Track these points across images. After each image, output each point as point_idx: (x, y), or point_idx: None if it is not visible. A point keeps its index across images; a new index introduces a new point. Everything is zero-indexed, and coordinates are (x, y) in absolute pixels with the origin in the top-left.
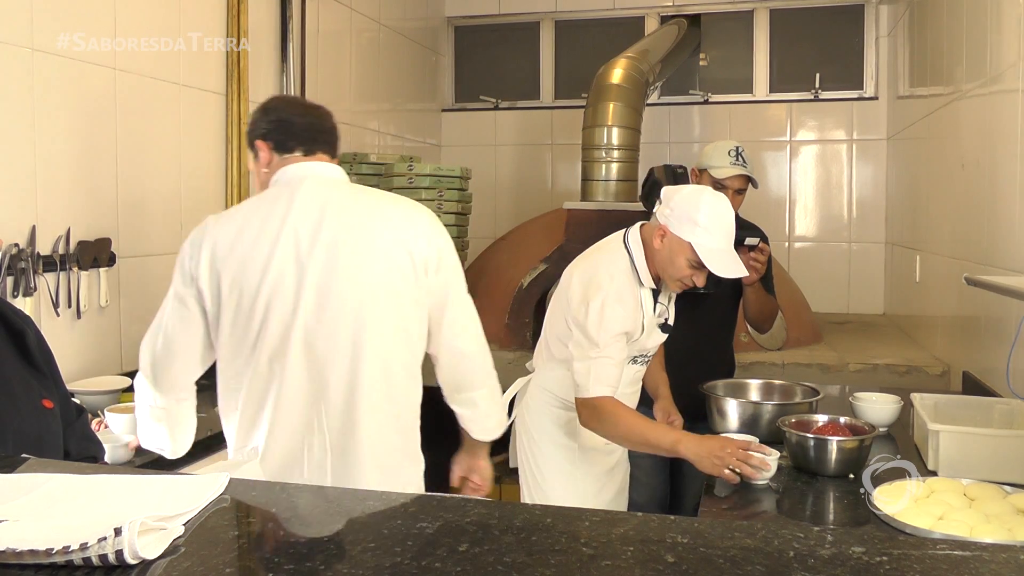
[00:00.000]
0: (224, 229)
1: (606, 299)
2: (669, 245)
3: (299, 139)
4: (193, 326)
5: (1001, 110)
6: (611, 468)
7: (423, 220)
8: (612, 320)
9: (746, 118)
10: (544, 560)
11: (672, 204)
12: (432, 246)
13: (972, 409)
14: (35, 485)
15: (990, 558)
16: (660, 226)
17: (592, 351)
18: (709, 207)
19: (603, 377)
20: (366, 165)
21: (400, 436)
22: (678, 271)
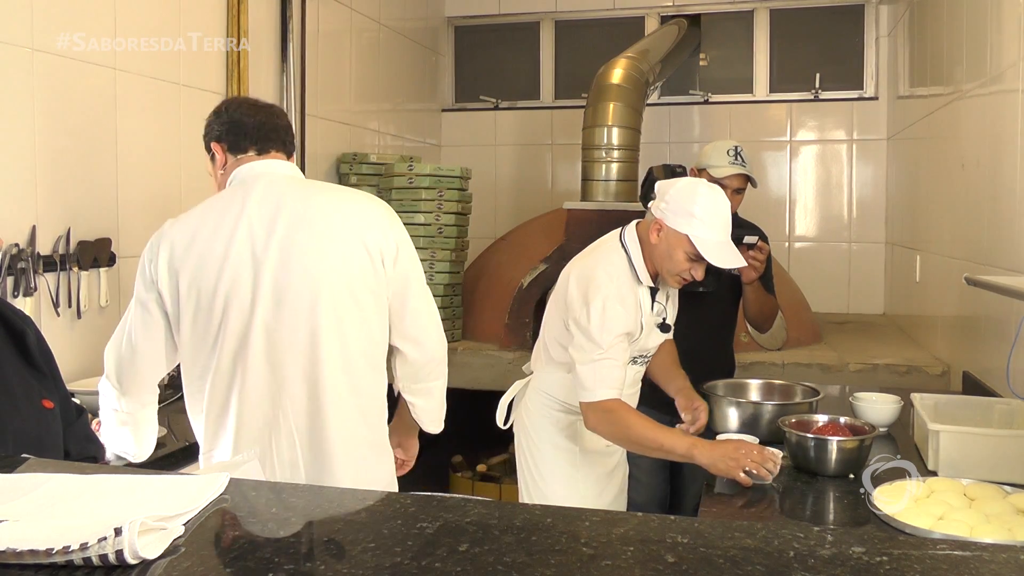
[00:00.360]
0: (180, 231)
1: (607, 300)
2: (666, 239)
3: (251, 138)
4: (156, 330)
5: (1001, 110)
6: (611, 470)
7: (378, 212)
8: (614, 320)
9: (746, 118)
10: (544, 560)
11: (668, 198)
12: (388, 238)
13: (972, 409)
14: (35, 485)
15: (990, 558)
16: (656, 220)
17: (595, 353)
18: (705, 199)
19: (608, 379)
20: (366, 165)
21: (367, 428)
22: (676, 265)
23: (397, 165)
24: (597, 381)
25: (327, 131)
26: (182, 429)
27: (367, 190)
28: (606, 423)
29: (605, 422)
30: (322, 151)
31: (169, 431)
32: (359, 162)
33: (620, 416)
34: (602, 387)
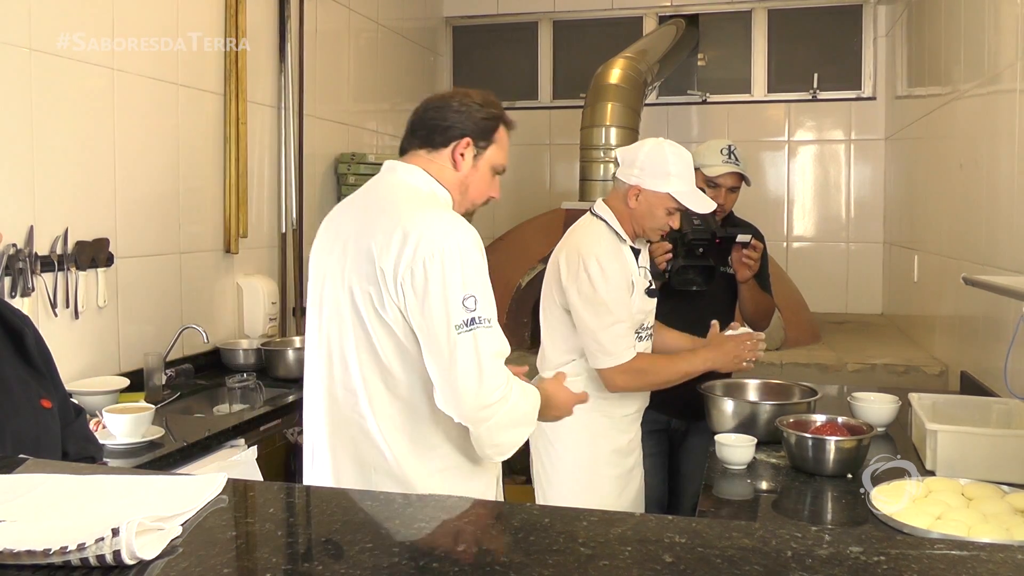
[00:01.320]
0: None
1: (600, 258)
2: (646, 200)
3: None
4: None
5: (999, 110)
6: (629, 470)
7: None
8: (613, 274)
9: (744, 118)
10: (542, 560)
11: (640, 164)
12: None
13: (970, 409)
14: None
15: (988, 558)
16: (632, 187)
17: (607, 316)
18: (675, 156)
19: (628, 339)
20: (364, 165)
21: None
22: (657, 221)
23: None
24: (618, 344)
25: (325, 131)
26: (181, 429)
27: None
28: (638, 378)
29: (637, 378)
30: (320, 151)
31: (167, 431)
32: (357, 162)
33: (648, 366)
34: (625, 349)
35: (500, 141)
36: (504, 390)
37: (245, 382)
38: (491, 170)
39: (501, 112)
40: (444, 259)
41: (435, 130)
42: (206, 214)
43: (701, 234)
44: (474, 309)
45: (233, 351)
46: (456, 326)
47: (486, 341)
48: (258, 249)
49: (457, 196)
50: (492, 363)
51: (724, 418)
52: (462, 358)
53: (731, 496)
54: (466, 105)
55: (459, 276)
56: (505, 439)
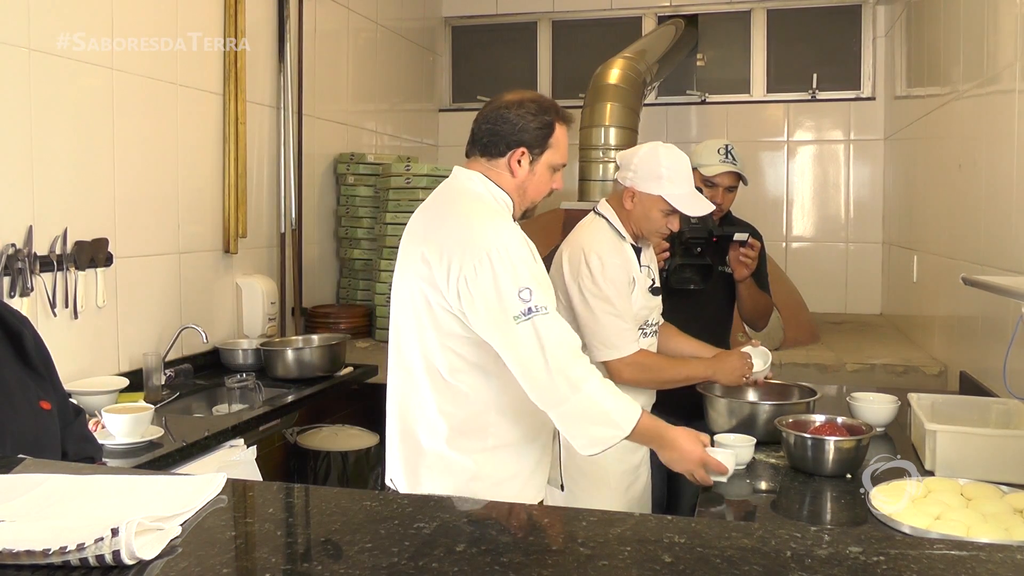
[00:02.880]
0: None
1: (601, 254)
2: (640, 203)
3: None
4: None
5: (998, 110)
6: (636, 466)
7: None
8: (614, 269)
9: (743, 118)
10: (541, 560)
11: (633, 166)
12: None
13: (969, 409)
14: (32, 486)
15: (987, 558)
16: (627, 189)
17: (607, 310)
18: (668, 159)
19: (630, 333)
20: (363, 165)
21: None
22: (654, 223)
23: (394, 165)
24: (621, 337)
25: (324, 131)
26: (180, 429)
27: (364, 190)
28: (640, 373)
29: (640, 372)
30: (319, 151)
31: (166, 431)
32: (356, 162)
33: (652, 363)
34: (628, 342)
35: (556, 144)
36: (576, 379)
37: (244, 382)
38: (549, 170)
39: (555, 115)
40: (492, 259)
41: (492, 140)
42: (205, 214)
43: (698, 233)
44: (529, 300)
45: (232, 351)
46: (515, 317)
47: (547, 328)
48: (257, 249)
49: (516, 199)
50: (557, 350)
51: (723, 418)
52: (526, 346)
53: (730, 496)
54: (521, 116)
55: (510, 272)
56: (578, 432)
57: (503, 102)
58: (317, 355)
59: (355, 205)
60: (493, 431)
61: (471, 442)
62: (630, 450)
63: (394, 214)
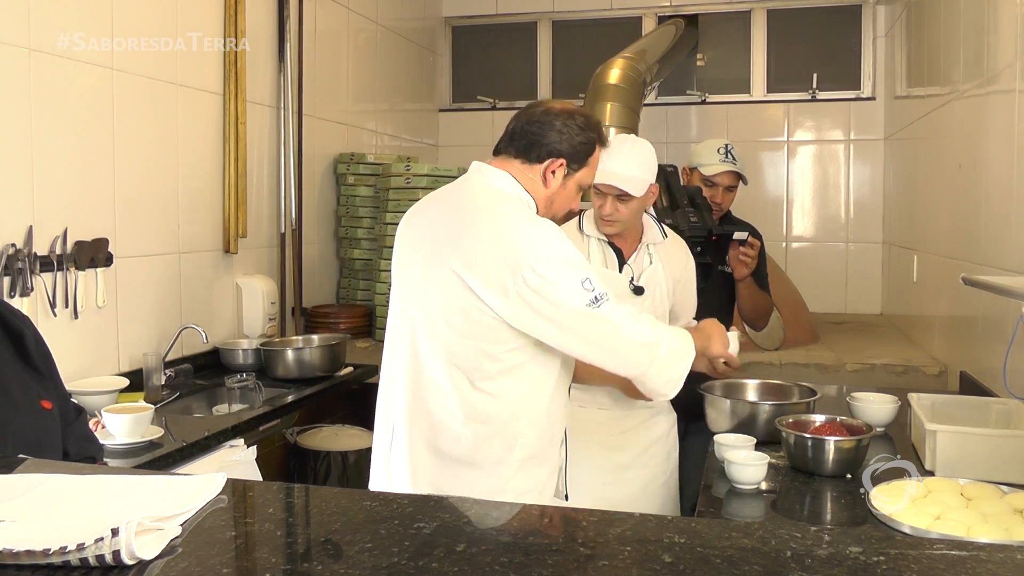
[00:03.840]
0: None
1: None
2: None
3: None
4: None
5: (997, 110)
6: (623, 465)
7: None
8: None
9: (743, 118)
10: (541, 560)
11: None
12: None
13: (969, 409)
14: (33, 485)
15: (987, 558)
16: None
17: None
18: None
19: None
20: (363, 165)
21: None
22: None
23: (394, 165)
24: None
25: (324, 131)
26: (180, 429)
27: (364, 190)
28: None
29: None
30: (319, 151)
31: (166, 431)
32: (356, 162)
33: None
34: None
35: (592, 163)
36: (656, 333)
37: (244, 382)
38: (577, 187)
39: (599, 135)
40: (549, 260)
41: (533, 144)
42: (205, 214)
43: (698, 232)
44: (592, 289)
45: (232, 351)
46: (589, 304)
47: (615, 311)
48: (257, 249)
49: (542, 208)
50: (633, 318)
51: (723, 418)
52: (608, 326)
53: (730, 496)
54: (568, 127)
55: (566, 267)
56: (674, 373)
57: (552, 108)
58: (317, 355)
59: (355, 205)
60: (521, 441)
61: (502, 453)
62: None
63: (394, 214)
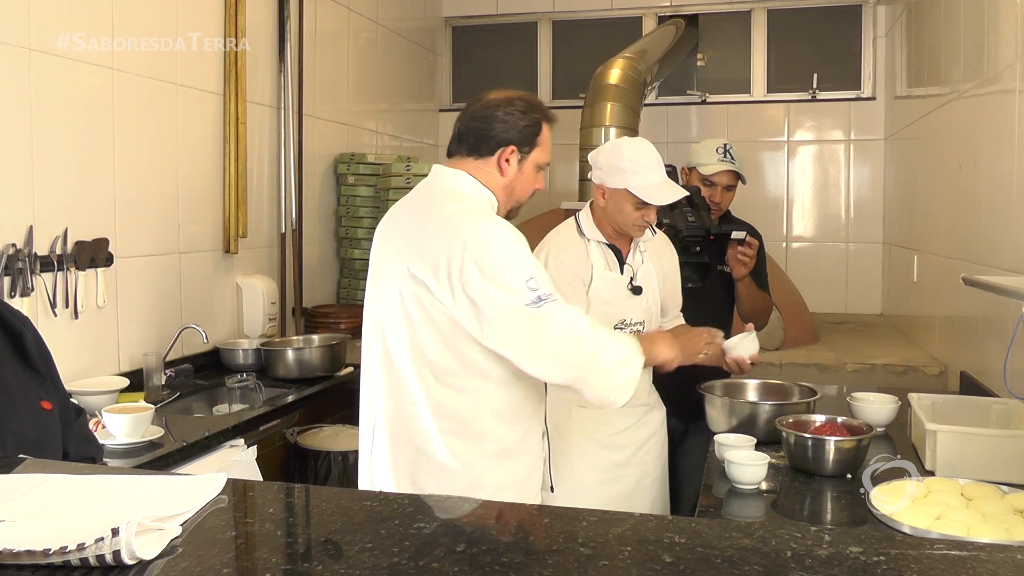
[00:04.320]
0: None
1: (552, 250)
2: (611, 199)
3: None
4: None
5: (998, 110)
6: (618, 464)
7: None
8: (561, 263)
9: (744, 118)
10: (542, 560)
11: (599, 163)
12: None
13: (969, 409)
14: (33, 485)
15: (987, 558)
16: (597, 187)
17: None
18: (631, 151)
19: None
20: (363, 165)
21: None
22: (628, 217)
23: (395, 165)
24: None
25: (325, 131)
26: (180, 429)
27: (365, 190)
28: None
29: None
30: (320, 151)
31: (167, 431)
32: (357, 162)
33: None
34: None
35: (543, 142)
36: (597, 339)
37: (245, 382)
38: (535, 168)
39: (543, 114)
40: (491, 256)
41: (482, 139)
42: (206, 214)
43: (696, 231)
44: (537, 288)
45: (233, 351)
46: (529, 304)
47: (556, 312)
48: (258, 249)
49: (503, 197)
50: (574, 320)
51: (723, 418)
52: (547, 326)
53: (731, 496)
54: (510, 114)
55: (510, 264)
56: (610, 387)
57: (491, 101)
58: (317, 355)
59: (355, 205)
60: (490, 436)
61: (470, 449)
62: (613, 448)
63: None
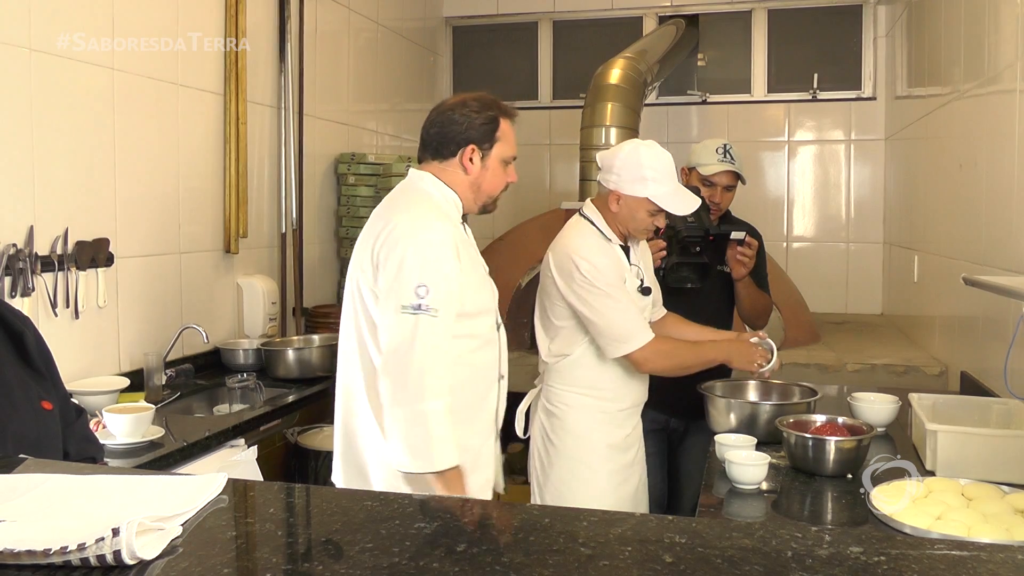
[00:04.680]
0: None
1: (590, 255)
2: (627, 205)
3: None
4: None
5: (998, 110)
6: (628, 465)
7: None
8: (606, 268)
9: (744, 118)
10: (542, 560)
11: (616, 169)
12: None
13: (970, 409)
14: (33, 485)
15: (988, 558)
16: (612, 192)
17: (610, 304)
18: (651, 159)
19: (639, 324)
20: (364, 165)
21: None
22: (640, 222)
23: (395, 165)
24: (631, 329)
25: (325, 131)
26: (181, 429)
27: (365, 190)
28: (662, 360)
29: (661, 360)
30: (320, 151)
31: (167, 431)
32: (357, 162)
33: (670, 350)
34: (640, 331)
35: (504, 137)
36: (430, 389)
37: (245, 382)
38: (501, 163)
39: (499, 110)
40: (407, 247)
41: (443, 143)
42: (206, 214)
43: (695, 232)
44: (424, 297)
45: (233, 351)
46: (403, 306)
47: (428, 329)
48: (258, 249)
49: (470, 195)
50: (429, 353)
51: (723, 418)
52: (401, 337)
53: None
54: (465, 115)
55: (418, 265)
56: (402, 439)
57: (446, 105)
58: (318, 355)
59: (356, 205)
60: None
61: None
62: (619, 449)
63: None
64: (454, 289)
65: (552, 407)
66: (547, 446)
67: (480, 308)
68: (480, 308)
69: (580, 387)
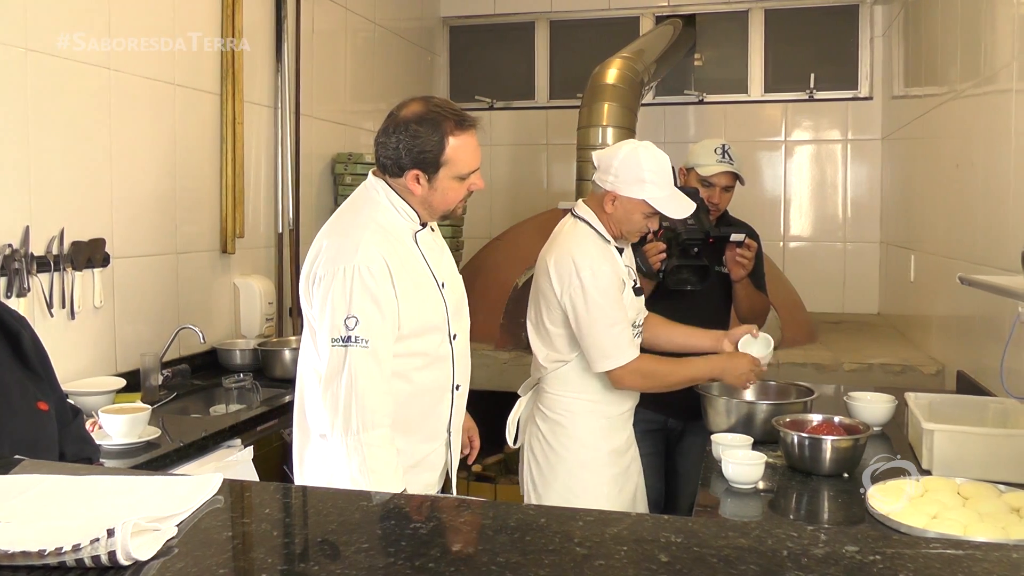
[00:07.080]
0: None
1: (592, 263)
2: (622, 206)
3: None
4: None
5: (995, 110)
6: (627, 467)
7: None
8: (606, 278)
9: (741, 118)
10: (538, 560)
11: (614, 170)
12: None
13: (966, 408)
14: (28, 486)
15: (983, 557)
16: (608, 193)
17: (604, 320)
18: (650, 162)
19: (626, 343)
20: (361, 165)
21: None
22: (635, 224)
23: None
24: (618, 345)
25: (322, 131)
26: (177, 429)
27: None
28: (643, 381)
29: (642, 380)
30: (317, 151)
31: (163, 432)
32: (354, 162)
33: (653, 370)
34: (625, 350)
35: (454, 156)
36: (368, 421)
37: (242, 382)
38: (455, 180)
39: (446, 132)
40: (333, 278)
41: (388, 164)
42: (203, 214)
43: (695, 234)
44: (353, 328)
45: (230, 351)
46: (332, 339)
47: (358, 360)
48: (255, 249)
49: (422, 210)
50: (363, 384)
51: (720, 418)
52: (334, 369)
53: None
54: (402, 141)
55: (346, 294)
56: (345, 468)
57: (397, 121)
58: None
59: None
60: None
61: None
62: (620, 452)
63: None
64: (389, 313)
65: (553, 414)
66: (546, 454)
67: (425, 327)
68: (425, 327)
69: (581, 392)
